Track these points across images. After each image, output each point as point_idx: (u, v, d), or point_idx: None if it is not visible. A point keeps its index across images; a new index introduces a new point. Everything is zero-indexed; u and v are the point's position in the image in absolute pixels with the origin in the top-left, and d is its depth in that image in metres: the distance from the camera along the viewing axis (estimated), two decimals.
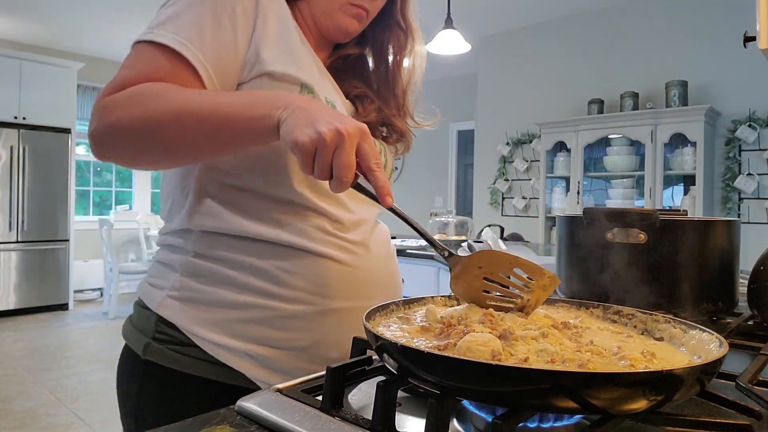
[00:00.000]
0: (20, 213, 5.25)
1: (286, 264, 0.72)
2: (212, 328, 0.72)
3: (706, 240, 0.80)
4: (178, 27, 0.68)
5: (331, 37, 0.85)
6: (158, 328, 0.75)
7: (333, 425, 0.47)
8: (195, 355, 0.73)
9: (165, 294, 0.75)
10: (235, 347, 0.72)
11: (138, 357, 0.75)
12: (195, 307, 0.73)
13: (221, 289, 0.73)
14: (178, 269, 0.76)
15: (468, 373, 0.40)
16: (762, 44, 1.24)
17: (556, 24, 4.94)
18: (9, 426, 2.77)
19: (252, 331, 0.72)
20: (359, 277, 0.77)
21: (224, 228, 0.73)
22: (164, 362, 0.73)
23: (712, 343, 0.49)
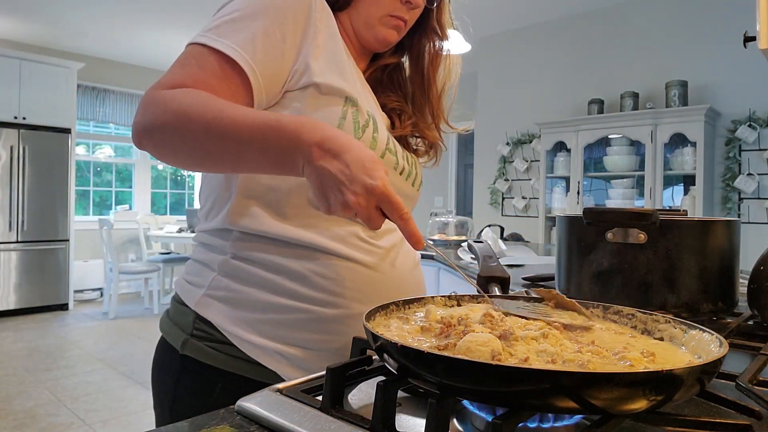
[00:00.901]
0: (20, 213, 5.26)
1: (320, 268, 0.75)
2: (248, 328, 0.75)
3: (706, 240, 0.80)
4: (231, 32, 0.71)
5: (371, 47, 0.88)
6: (196, 325, 0.78)
7: (333, 425, 0.47)
8: (231, 353, 0.75)
9: (203, 292, 0.78)
10: (270, 347, 0.75)
11: (176, 351, 0.78)
12: (232, 307, 0.76)
13: (257, 290, 0.75)
14: (216, 269, 0.78)
15: (468, 373, 0.40)
16: (762, 44, 1.24)
17: (556, 24, 4.94)
18: (9, 426, 2.77)
19: (286, 332, 0.75)
20: (389, 282, 0.80)
21: (263, 230, 0.75)
22: (201, 358, 0.76)
23: (712, 343, 0.49)
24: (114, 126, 6.67)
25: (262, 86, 0.72)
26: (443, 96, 0.95)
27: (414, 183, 0.90)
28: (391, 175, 0.82)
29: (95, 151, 6.72)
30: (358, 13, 0.84)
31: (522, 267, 1.86)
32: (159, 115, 0.66)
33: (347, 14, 0.85)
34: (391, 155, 0.82)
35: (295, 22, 0.74)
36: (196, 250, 0.84)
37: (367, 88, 0.85)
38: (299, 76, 0.75)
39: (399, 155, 0.85)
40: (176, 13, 4.94)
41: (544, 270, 1.54)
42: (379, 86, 0.91)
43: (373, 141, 0.78)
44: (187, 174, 7.61)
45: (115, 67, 6.49)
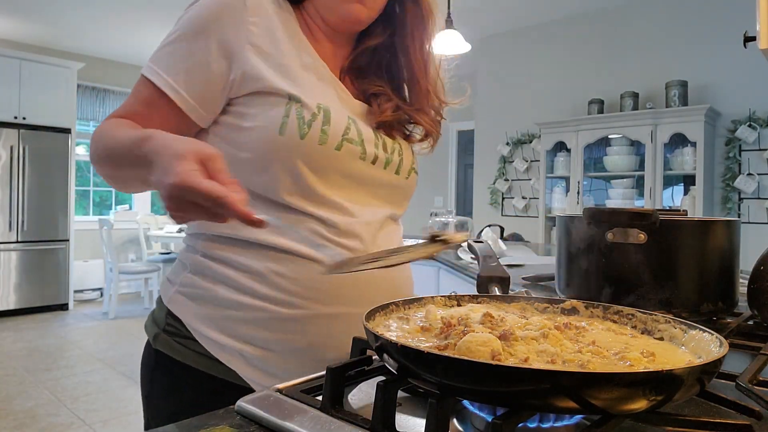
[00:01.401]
0: (20, 213, 5.26)
1: (279, 267, 0.75)
2: (210, 325, 0.76)
3: (706, 240, 0.80)
4: (162, 58, 0.76)
5: (344, 28, 0.85)
6: (167, 320, 0.80)
7: (333, 425, 0.47)
8: (195, 349, 0.77)
9: (175, 289, 0.81)
10: (230, 345, 0.75)
11: (149, 345, 0.81)
12: (197, 304, 0.78)
13: (221, 288, 0.76)
14: (189, 267, 0.80)
15: (468, 373, 0.40)
16: (762, 44, 1.24)
17: (556, 24, 4.94)
18: (9, 426, 2.77)
19: (246, 330, 0.75)
20: (353, 283, 0.77)
21: (228, 232, 0.77)
22: (170, 353, 0.78)
23: (712, 343, 0.49)
24: None
25: (194, 104, 0.75)
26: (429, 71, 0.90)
27: (399, 171, 0.86)
28: (358, 165, 0.80)
29: None
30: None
31: (522, 267, 1.86)
32: (91, 149, 0.76)
33: (310, 2, 0.84)
34: (352, 145, 0.79)
35: (222, 31, 0.75)
36: (180, 252, 0.86)
37: (329, 79, 0.82)
38: (239, 85, 0.76)
39: (367, 142, 0.81)
40: (176, 14, 4.93)
41: (544, 270, 1.54)
42: (364, 72, 0.88)
43: (322, 134, 0.75)
44: None
45: (115, 67, 6.49)
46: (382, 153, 0.83)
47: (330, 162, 0.77)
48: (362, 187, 0.82)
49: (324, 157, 0.76)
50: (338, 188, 0.78)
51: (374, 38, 0.89)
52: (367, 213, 0.81)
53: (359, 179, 0.81)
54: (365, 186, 0.82)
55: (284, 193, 0.75)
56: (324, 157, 0.76)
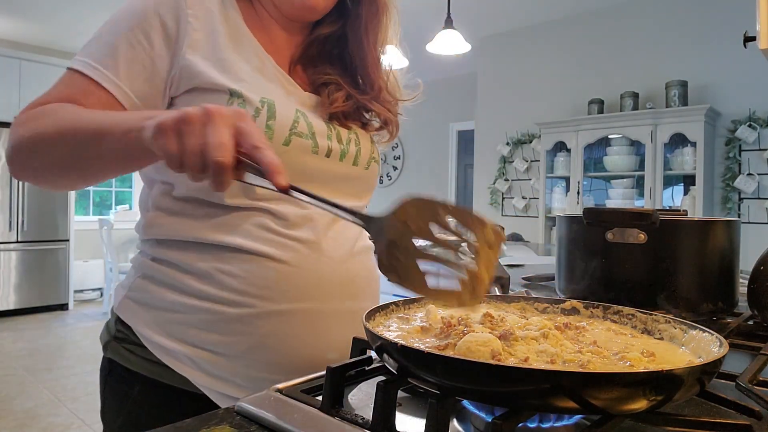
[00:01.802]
0: (20, 213, 5.25)
1: (225, 265, 0.71)
2: (158, 330, 0.73)
3: (706, 240, 0.80)
4: (94, 51, 0.71)
5: (298, 17, 0.82)
6: (117, 326, 0.77)
7: (333, 425, 0.47)
8: (144, 356, 0.74)
9: (124, 294, 0.78)
10: (178, 350, 0.72)
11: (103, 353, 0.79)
12: (145, 308, 0.75)
13: (168, 291, 0.73)
14: (139, 271, 0.78)
15: (468, 373, 0.40)
16: (762, 44, 1.24)
17: (556, 24, 4.94)
18: (9, 426, 2.77)
19: (194, 334, 0.72)
20: (305, 277, 0.73)
21: (172, 235, 0.74)
22: (120, 360, 0.75)
23: (712, 343, 0.49)
24: None
25: (134, 100, 0.71)
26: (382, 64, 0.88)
27: (357, 162, 0.83)
28: (310, 159, 0.76)
29: None
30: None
31: (522, 267, 1.86)
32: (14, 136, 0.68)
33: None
34: (301, 139, 0.75)
35: (162, 25, 0.72)
36: (133, 256, 0.84)
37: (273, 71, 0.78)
38: (178, 83, 0.72)
39: (319, 135, 0.77)
40: None
41: (544, 270, 1.54)
42: (315, 61, 0.85)
43: (267, 129, 0.72)
44: None
45: None
46: (336, 145, 0.79)
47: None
48: (317, 182, 0.77)
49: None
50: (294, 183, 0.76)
51: (327, 27, 0.86)
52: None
53: (313, 174, 0.76)
54: (320, 180, 0.77)
55: (228, 197, 0.71)
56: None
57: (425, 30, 3.47)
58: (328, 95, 0.82)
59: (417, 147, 6.70)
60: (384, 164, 6.78)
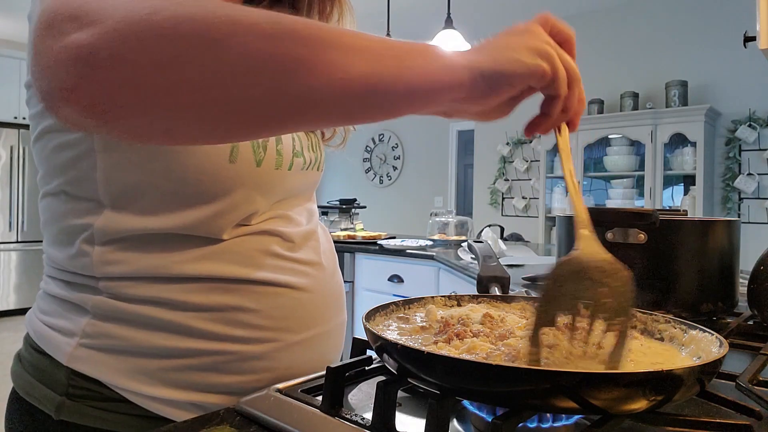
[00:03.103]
0: (20, 213, 5.26)
1: (235, 300, 0.60)
2: (146, 380, 0.59)
3: (706, 240, 0.80)
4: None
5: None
6: (72, 382, 0.60)
7: (333, 425, 0.47)
8: (127, 412, 0.59)
9: (75, 342, 0.60)
10: (178, 399, 0.60)
11: (48, 418, 0.60)
12: (121, 358, 0.59)
13: (155, 335, 0.59)
14: (89, 310, 0.60)
15: (468, 373, 0.40)
16: (762, 44, 1.24)
17: None
18: None
19: (200, 378, 0.60)
20: (318, 302, 0.68)
21: (147, 272, 0.59)
22: (86, 422, 0.59)
23: (712, 343, 0.49)
24: None
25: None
26: None
27: (320, 167, 0.76)
28: (299, 176, 0.69)
29: None
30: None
31: (522, 267, 1.86)
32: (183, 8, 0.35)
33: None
34: (298, 158, 0.68)
35: None
36: (52, 283, 0.64)
37: None
38: None
39: (305, 149, 0.70)
40: None
41: (544, 270, 1.54)
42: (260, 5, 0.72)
43: (278, 156, 0.64)
44: None
45: None
46: (312, 154, 0.73)
47: (281, 184, 0.65)
48: (297, 195, 0.71)
49: (278, 181, 0.64)
50: (279, 201, 0.67)
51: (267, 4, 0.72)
52: (304, 218, 0.72)
53: (297, 189, 0.71)
54: (299, 193, 0.72)
55: (224, 230, 0.60)
56: (278, 182, 0.64)
57: (425, 30, 3.46)
58: None
59: (417, 147, 6.70)
60: (384, 164, 6.78)
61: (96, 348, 0.59)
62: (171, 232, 0.59)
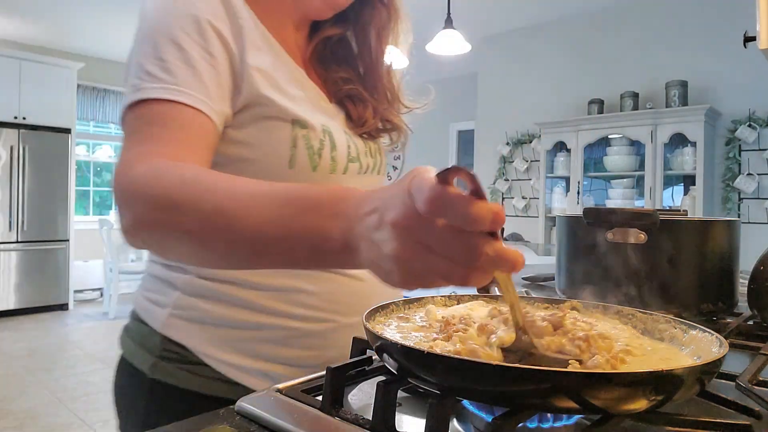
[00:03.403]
0: (20, 213, 5.26)
1: (298, 283, 0.71)
2: (225, 348, 0.70)
3: (706, 240, 0.80)
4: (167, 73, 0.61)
5: (318, 13, 0.79)
6: (164, 346, 0.71)
7: (333, 425, 0.47)
8: (207, 375, 0.70)
9: (168, 312, 0.72)
10: (250, 367, 0.70)
11: (143, 375, 0.72)
12: (204, 327, 0.71)
13: (231, 309, 0.70)
14: (179, 287, 0.72)
15: (468, 373, 0.40)
16: (762, 44, 1.24)
17: (556, 24, 4.94)
18: (9, 426, 2.77)
19: (267, 350, 0.70)
20: (369, 290, 0.76)
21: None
22: (174, 382, 0.70)
23: (712, 343, 0.49)
24: (114, 126, 6.67)
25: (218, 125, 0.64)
26: (394, 73, 0.87)
27: (380, 171, 0.85)
28: (356, 180, 0.76)
29: (95, 151, 6.72)
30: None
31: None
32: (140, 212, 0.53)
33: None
34: (353, 163, 0.76)
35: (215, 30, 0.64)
36: (152, 266, 0.76)
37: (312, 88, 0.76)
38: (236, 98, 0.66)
39: (362, 155, 0.78)
40: None
41: (544, 270, 1.54)
42: (325, 62, 0.83)
43: (332, 163, 0.71)
44: None
45: (115, 67, 6.49)
46: (371, 159, 0.81)
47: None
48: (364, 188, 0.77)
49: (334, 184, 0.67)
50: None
51: (331, 29, 0.83)
52: None
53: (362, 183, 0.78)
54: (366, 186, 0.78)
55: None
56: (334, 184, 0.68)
57: (425, 30, 3.45)
58: (357, 113, 0.81)
59: (417, 147, 6.69)
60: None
61: (184, 318, 0.71)
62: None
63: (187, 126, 0.60)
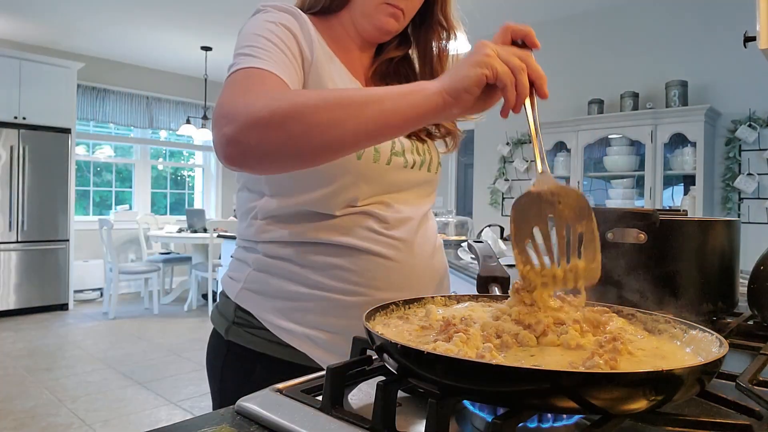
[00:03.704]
0: (20, 213, 5.26)
1: (341, 261, 0.83)
2: (280, 315, 0.84)
3: (706, 240, 0.80)
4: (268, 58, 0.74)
5: (372, 38, 0.91)
6: (237, 313, 0.88)
7: (333, 425, 0.47)
8: (267, 338, 0.85)
9: (241, 285, 0.88)
10: (299, 332, 0.84)
11: (222, 338, 0.88)
12: (266, 297, 0.86)
13: (287, 282, 0.84)
14: (252, 265, 0.88)
15: (468, 373, 0.40)
16: (762, 44, 1.24)
17: (555, 24, 4.94)
18: (9, 426, 2.77)
19: (313, 318, 0.83)
20: (404, 270, 0.86)
21: (287, 237, 0.84)
22: (242, 342, 0.86)
23: (712, 343, 0.49)
24: (114, 126, 6.67)
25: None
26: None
27: (430, 168, 0.94)
28: (402, 173, 0.87)
29: (95, 151, 6.72)
30: (356, 5, 0.88)
31: None
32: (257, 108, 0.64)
33: (347, 10, 0.90)
34: (398, 157, 0.86)
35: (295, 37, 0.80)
36: (237, 251, 0.93)
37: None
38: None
39: (407, 152, 0.88)
40: (176, 13, 4.94)
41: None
42: (387, 79, 0.95)
43: (375, 153, 0.83)
44: (187, 174, 7.61)
45: (115, 67, 6.49)
46: (418, 157, 0.91)
47: (381, 176, 0.84)
48: (404, 189, 0.89)
49: (377, 173, 0.84)
50: (385, 193, 0.86)
51: (394, 51, 0.96)
52: (408, 210, 0.89)
53: (402, 185, 0.88)
54: (405, 187, 0.89)
55: (337, 208, 0.82)
56: (377, 174, 0.84)
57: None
58: None
59: None
60: None
61: (252, 290, 0.87)
62: (301, 209, 0.83)
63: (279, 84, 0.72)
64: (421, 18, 0.94)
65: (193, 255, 5.97)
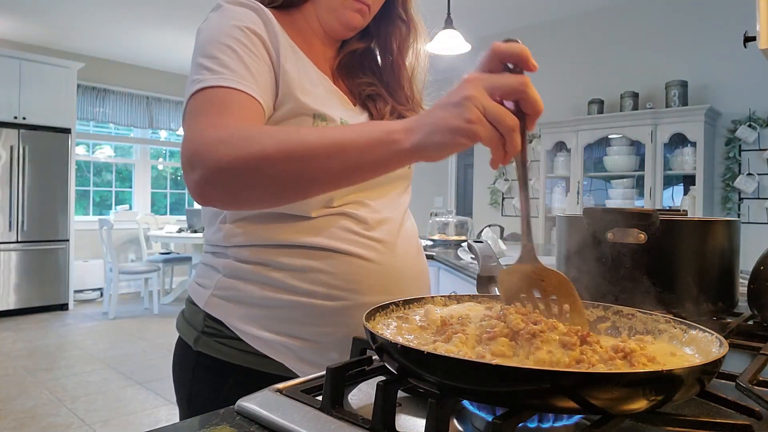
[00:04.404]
0: (20, 213, 5.26)
1: (317, 264, 0.78)
2: (254, 324, 0.79)
3: (706, 240, 0.80)
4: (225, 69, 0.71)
5: (336, 33, 0.90)
6: (206, 323, 0.82)
7: (333, 425, 0.47)
8: (240, 348, 0.80)
9: (210, 293, 0.83)
10: (276, 341, 0.79)
11: (190, 348, 0.83)
12: (237, 305, 0.80)
13: (260, 288, 0.79)
14: (221, 270, 0.83)
15: (468, 373, 0.40)
16: (762, 44, 1.24)
17: (555, 24, 4.94)
18: (9, 426, 2.77)
19: (290, 326, 0.78)
20: (386, 273, 0.81)
21: (258, 240, 0.80)
22: (213, 353, 0.81)
23: (712, 343, 0.49)
24: (114, 126, 6.67)
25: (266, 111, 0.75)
26: (414, 81, 0.96)
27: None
28: None
29: (95, 151, 6.72)
30: (321, 1, 0.87)
31: None
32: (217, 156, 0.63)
33: (311, 4, 0.88)
34: None
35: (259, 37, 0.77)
36: (205, 256, 0.88)
37: (334, 91, 0.86)
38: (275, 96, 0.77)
39: None
40: (176, 13, 4.94)
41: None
42: (351, 72, 0.93)
43: None
44: None
45: (115, 67, 6.49)
46: None
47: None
48: (379, 185, 0.86)
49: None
50: (360, 191, 0.83)
51: (356, 44, 0.94)
52: (387, 210, 0.86)
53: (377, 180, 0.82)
54: (379, 183, 0.86)
55: (312, 209, 0.78)
56: None
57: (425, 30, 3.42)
58: (377, 109, 0.90)
59: None
60: None
61: (223, 298, 0.81)
62: (274, 210, 0.78)
63: (245, 107, 0.70)
64: (381, 12, 0.92)
65: (193, 255, 5.97)
